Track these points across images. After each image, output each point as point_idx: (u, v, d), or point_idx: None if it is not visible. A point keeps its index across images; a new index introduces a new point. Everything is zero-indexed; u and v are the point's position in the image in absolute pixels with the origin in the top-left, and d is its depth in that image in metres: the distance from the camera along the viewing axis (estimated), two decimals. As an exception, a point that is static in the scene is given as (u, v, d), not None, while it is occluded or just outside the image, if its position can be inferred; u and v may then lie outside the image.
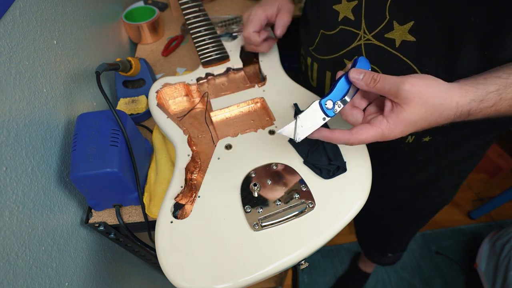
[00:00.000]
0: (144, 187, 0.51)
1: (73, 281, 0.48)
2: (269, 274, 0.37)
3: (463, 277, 1.25)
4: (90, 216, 0.50)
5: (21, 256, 0.38)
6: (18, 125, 0.39)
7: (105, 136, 0.44)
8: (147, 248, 0.57)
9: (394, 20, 0.38)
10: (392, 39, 0.40)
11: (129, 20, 0.77)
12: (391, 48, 0.40)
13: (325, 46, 0.50)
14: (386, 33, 0.40)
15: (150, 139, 0.59)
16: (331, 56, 0.50)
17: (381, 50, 0.42)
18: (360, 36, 0.43)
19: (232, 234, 0.39)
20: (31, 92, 0.42)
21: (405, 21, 0.37)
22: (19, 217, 0.38)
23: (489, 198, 1.40)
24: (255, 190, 0.41)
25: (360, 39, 0.43)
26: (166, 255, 0.38)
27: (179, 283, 0.36)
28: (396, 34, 0.39)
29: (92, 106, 0.59)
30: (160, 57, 0.77)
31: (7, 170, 0.37)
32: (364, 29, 0.42)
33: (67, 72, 0.51)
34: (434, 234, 1.38)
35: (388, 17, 0.38)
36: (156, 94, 0.54)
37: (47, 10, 0.47)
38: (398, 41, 0.39)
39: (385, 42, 0.41)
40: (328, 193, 0.42)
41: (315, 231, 0.39)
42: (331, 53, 0.49)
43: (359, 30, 0.43)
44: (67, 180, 0.49)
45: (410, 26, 0.37)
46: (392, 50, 0.40)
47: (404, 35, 0.38)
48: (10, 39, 0.38)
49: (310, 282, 1.27)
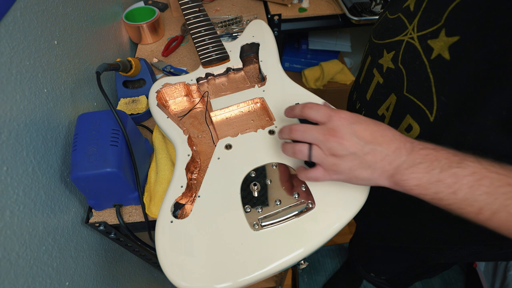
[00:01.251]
0: (144, 187, 0.52)
1: (73, 281, 0.48)
2: (269, 274, 0.37)
3: (462, 277, 1.26)
4: (90, 216, 0.51)
5: (22, 256, 0.38)
6: (19, 125, 0.39)
7: (105, 136, 0.44)
8: (147, 248, 0.57)
9: (445, 28, 0.33)
10: (432, 48, 0.35)
11: (129, 21, 0.77)
12: (426, 57, 0.36)
13: (379, 29, 0.46)
14: (430, 39, 0.35)
15: (150, 139, 0.59)
16: (378, 41, 0.46)
17: (416, 55, 0.37)
18: (408, 32, 0.39)
19: (232, 234, 0.39)
20: (32, 92, 0.42)
21: (452, 34, 0.32)
22: (20, 216, 0.38)
23: (488, 198, 1.40)
24: (255, 190, 0.42)
25: (406, 35, 0.39)
26: (166, 254, 0.38)
27: (179, 283, 0.36)
28: (437, 44, 0.34)
29: (93, 106, 0.59)
30: (160, 57, 0.77)
31: (8, 170, 0.37)
32: (415, 25, 0.38)
33: (68, 72, 0.52)
34: (434, 234, 1.38)
35: (442, 22, 0.33)
36: (156, 94, 0.55)
37: (47, 11, 0.47)
38: (435, 53, 0.34)
39: (424, 47, 0.36)
40: (328, 193, 0.42)
41: (315, 231, 0.39)
42: (379, 38, 0.45)
43: (410, 24, 0.39)
44: (68, 180, 0.49)
45: (454, 41, 0.32)
46: (425, 59, 0.36)
47: (443, 49, 0.33)
48: (11, 39, 0.39)
49: (310, 282, 1.28)
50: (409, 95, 0.39)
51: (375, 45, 0.47)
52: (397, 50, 0.41)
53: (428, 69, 0.35)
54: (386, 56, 0.43)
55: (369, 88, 0.47)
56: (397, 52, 0.41)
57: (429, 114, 0.36)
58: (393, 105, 0.42)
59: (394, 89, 0.41)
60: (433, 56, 0.35)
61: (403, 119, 0.41)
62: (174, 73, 0.71)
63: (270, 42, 0.61)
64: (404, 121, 0.40)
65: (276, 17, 0.98)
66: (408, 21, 0.39)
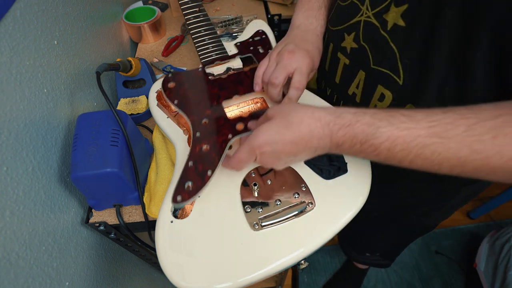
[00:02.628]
0: (144, 187, 0.52)
1: (73, 281, 0.48)
2: (269, 274, 0.37)
3: (462, 277, 1.26)
4: (90, 216, 0.51)
5: (22, 256, 0.38)
6: (18, 125, 0.39)
7: (105, 136, 0.44)
8: (147, 248, 0.57)
9: (393, 1, 0.38)
10: (387, 20, 0.39)
11: (130, 20, 0.77)
12: (383, 29, 0.40)
13: (336, 17, 0.50)
14: (384, 13, 0.39)
15: (150, 139, 0.59)
16: (336, 28, 0.50)
17: (375, 30, 0.41)
18: (362, 12, 0.43)
19: (232, 234, 0.39)
20: (32, 92, 0.42)
21: (401, 3, 0.37)
22: (19, 217, 0.38)
23: (488, 198, 1.40)
24: (255, 190, 0.42)
25: (362, 15, 0.43)
26: (166, 254, 0.38)
27: (179, 283, 0.36)
28: (390, 16, 0.38)
29: (93, 106, 0.59)
30: (160, 57, 0.77)
31: (8, 170, 0.37)
32: (368, 5, 0.42)
33: (68, 72, 0.51)
34: (434, 234, 1.38)
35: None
36: (156, 94, 0.54)
37: (47, 11, 0.47)
38: (391, 24, 0.39)
39: (380, 22, 0.40)
40: (328, 193, 0.42)
41: (315, 231, 0.39)
42: (337, 24, 0.49)
43: (362, 6, 0.43)
44: (68, 180, 0.49)
45: (404, 10, 0.37)
46: (384, 32, 0.40)
47: (396, 18, 0.38)
48: (11, 39, 0.39)
49: (310, 282, 1.28)
50: (376, 67, 0.43)
51: (334, 32, 0.51)
52: (356, 30, 0.45)
53: (388, 40, 0.40)
54: (348, 38, 0.47)
55: (336, 72, 0.52)
56: (357, 32, 0.45)
57: (397, 79, 0.40)
58: (363, 81, 0.46)
59: (361, 65, 0.46)
60: (389, 27, 0.39)
61: (374, 90, 0.45)
62: (174, 73, 0.71)
63: (271, 41, 0.61)
64: (376, 91, 0.44)
65: (276, 17, 0.98)
66: (360, 3, 0.43)
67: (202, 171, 0.42)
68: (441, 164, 0.30)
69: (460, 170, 0.29)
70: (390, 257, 0.96)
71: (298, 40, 0.49)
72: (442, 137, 0.28)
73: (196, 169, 0.42)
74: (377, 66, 0.43)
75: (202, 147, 0.44)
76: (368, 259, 0.97)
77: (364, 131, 0.32)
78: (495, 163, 0.27)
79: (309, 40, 0.50)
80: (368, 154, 0.33)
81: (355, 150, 0.34)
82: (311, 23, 0.52)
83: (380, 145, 0.32)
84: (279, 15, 0.97)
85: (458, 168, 0.29)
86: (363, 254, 0.95)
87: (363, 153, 0.33)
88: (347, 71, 0.49)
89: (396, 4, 0.37)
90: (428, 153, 0.29)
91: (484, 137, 0.27)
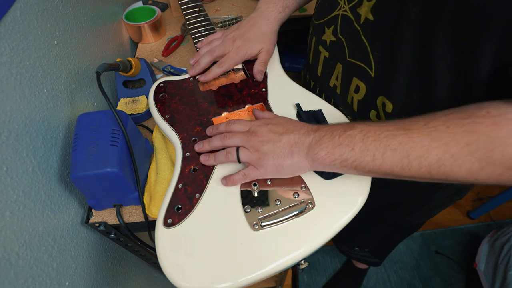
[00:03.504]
0: (144, 187, 0.52)
1: (73, 281, 0.48)
2: (269, 274, 0.37)
3: (462, 277, 1.26)
4: (90, 216, 0.51)
5: (22, 256, 0.38)
6: (18, 125, 0.39)
7: (105, 136, 0.44)
8: (147, 248, 0.57)
9: None
10: (360, 14, 0.41)
11: (130, 20, 0.77)
12: (357, 23, 0.42)
13: (318, 12, 0.53)
14: (358, 7, 0.41)
15: (150, 139, 0.59)
16: (318, 21, 0.52)
17: (350, 23, 0.43)
18: (340, 6, 0.45)
19: (232, 234, 0.39)
20: (32, 92, 0.42)
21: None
22: (19, 217, 0.38)
23: (488, 198, 1.40)
24: (255, 190, 0.42)
25: (340, 9, 0.45)
26: (166, 254, 0.38)
27: (179, 283, 0.36)
28: (363, 9, 0.40)
29: (93, 106, 0.59)
30: (160, 57, 0.77)
31: (8, 170, 0.37)
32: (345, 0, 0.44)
33: (68, 72, 0.51)
34: (434, 234, 1.38)
35: None
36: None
37: (47, 11, 0.47)
38: (363, 18, 0.41)
39: (355, 15, 0.42)
40: (327, 193, 0.42)
41: (315, 231, 0.39)
42: (319, 18, 0.52)
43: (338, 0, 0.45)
44: (68, 180, 0.49)
45: (372, 4, 0.38)
46: (357, 25, 0.42)
47: (367, 12, 0.40)
48: (11, 39, 0.39)
49: (310, 282, 1.28)
50: (351, 59, 0.45)
51: (316, 25, 0.53)
52: (335, 24, 0.47)
53: (360, 33, 0.42)
54: (327, 31, 0.49)
55: (318, 65, 0.54)
56: (335, 26, 0.47)
57: (369, 71, 0.43)
58: (341, 73, 0.49)
59: (339, 58, 0.48)
60: (361, 20, 0.41)
61: (351, 82, 0.47)
62: (174, 73, 0.71)
63: (270, 42, 0.61)
64: (352, 83, 0.47)
65: (276, 17, 0.98)
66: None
67: (191, 194, 0.42)
68: (409, 156, 0.32)
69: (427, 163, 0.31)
70: (380, 256, 0.97)
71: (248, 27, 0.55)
72: (406, 129, 0.33)
73: (185, 191, 0.42)
74: (352, 59, 0.45)
75: (191, 168, 0.44)
76: (358, 254, 0.98)
77: (343, 126, 0.38)
78: (454, 149, 0.30)
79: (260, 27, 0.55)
80: (345, 148, 0.36)
81: (334, 143, 0.37)
82: (267, 8, 0.56)
83: (355, 136, 0.35)
84: (279, 15, 0.96)
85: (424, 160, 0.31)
86: (352, 248, 0.96)
87: (341, 146, 0.36)
88: (327, 63, 0.52)
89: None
90: (396, 143, 0.33)
91: (439, 127, 0.31)
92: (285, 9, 0.57)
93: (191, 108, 0.52)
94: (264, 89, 0.54)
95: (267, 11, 0.56)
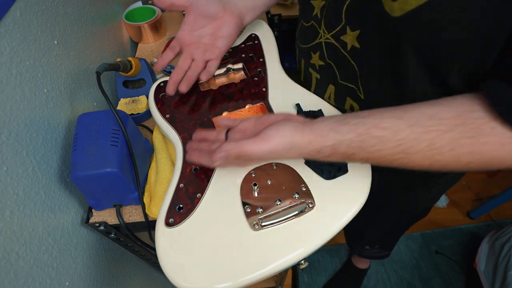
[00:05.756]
0: (144, 187, 0.52)
1: (73, 281, 0.48)
2: (269, 274, 0.37)
3: (462, 277, 1.26)
4: (90, 216, 0.51)
5: (22, 256, 0.38)
6: (19, 125, 0.39)
7: (105, 136, 0.44)
8: (147, 248, 0.57)
9: (348, 25, 0.41)
10: (345, 42, 0.42)
11: (130, 20, 0.77)
12: (344, 50, 0.43)
13: (302, 36, 0.53)
14: (341, 35, 0.43)
15: (150, 139, 0.59)
16: (303, 45, 0.53)
17: (337, 50, 0.45)
18: (321, 35, 0.46)
19: (232, 234, 0.39)
20: (32, 92, 0.42)
21: (355, 29, 0.40)
22: (20, 216, 0.38)
23: (488, 198, 1.40)
24: (255, 190, 0.42)
25: (321, 38, 0.47)
26: (166, 254, 0.38)
27: (179, 283, 0.36)
28: (348, 38, 0.42)
29: (93, 106, 0.59)
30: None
31: (8, 170, 0.37)
32: (324, 29, 0.45)
33: (68, 72, 0.51)
34: (434, 234, 1.38)
35: (344, 21, 0.41)
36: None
37: (47, 11, 0.47)
38: (349, 45, 0.42)
39: (340, 43, 0.43)
40: (327, 192, 0.42)
41: (315, 230, 0.39)
42: (303, 43, 0.52)
43: (320, 29, 0.46)
44: (68, 180, 0.49)
45: (357, 34, 0.40)
46: (345, 52, 0.43)
47: (353, 41, 0.41)
48: (11, 39, 0.39)
49: (310, 281, 1.28)
50: (343, 82, 0.47)
51: (303, 49, 0.54)
52: (320, 50, 0.48)
53: (349, 58, 0.43)
54: (314, 57, 0.50)
55: (311, 84, 0.55)
56: (321, 52, 0.48)
57: (359, 93, 0.45)
58: (334, 93, 0.50)
59: (330, 80, 0.49)
60: (348, 47, 0.42)
61: (345, 101, 0.49)
62: (174, 73, 0.71)
63: (271, 42, 0.61)
64: (347, 103, 0.49)
65: (276, 17, 0.98)
66: (318, 26, 0.47)
67: (192, 194, 0.42)
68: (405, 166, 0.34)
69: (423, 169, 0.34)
70: (388, 247, 1.00)
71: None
72: (407, 153, 0.32)
73: (186, 191, 0.42)
74: (344, 81, 0.47)
75: (192, 168, 0.45)
76: (369, 252, 1.00)
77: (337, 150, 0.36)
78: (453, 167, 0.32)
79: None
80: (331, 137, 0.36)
81: None
82: None
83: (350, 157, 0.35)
84: (279, 15, 0.97)
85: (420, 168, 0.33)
86: (363, 247, 0.98)
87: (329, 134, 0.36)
88: (319, 85, 0.53)
89: (351, 29, 0.40)
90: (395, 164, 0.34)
91: (443, 150, 0.30)
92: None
93: (191, 107, 0.52)
94: (265, 88, 0.54)
95: None
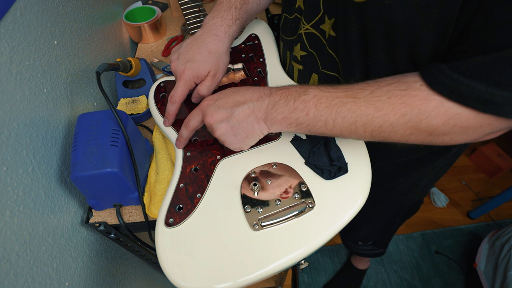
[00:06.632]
0: (145, 187, 0.52)
1: (73, 281, 0.48)
2: (269, 274, 0.37)
3: (462, 277, 1.26)
4: (90, 216, 0.51)
5: (22, 256, 0.38)
6: (18, 125, 0.39)
7: (105, 136, 0.44)
8: (147, 248, 0.57)
9: (326, 14, 0.43)
10: (324, 30, 0.44)
11: (130, 20, 0.77)
12: (323, 38, 0.45)
13: (285, 29, 0.54)
14: (321, 24, 0.44)
15: (150, 139, 0.59)
16: (288, 38, 0.54)
17: (317, 39, 0.46)
18: (300, 26, 0.48)
19: (232, 234, 0.39)
20: (32, 92, 0.42)
21: (331, 17, 0.42)
22: (19, 216, 0.38)
23: (488, 198, 1.40)
24: (255, 190, 0.42)
25: (301, 29, 0.48)
26: (166, 254, 0.38)
27: (179, 283, 0.36)
28: (326, 27, 0.44)
29: (93, 106, 0.59)
30: (160, 57, 0.77)
31: (8, 170, 0.37)
32: (303, 20, 0.47)
33: (68, 72, 0.51)
34: (434, 234, 1.38)
35: (322, 10, 0.43)
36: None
37: (47, 11, 0.47)
38: (327, 34, 0.44)
39: (319, 32, 0.45)
40: (327, 192, 0.42)
41: (315, 231, 0.39)
42: (287, 36, 0.54)
43: (301, 20, 0.48)
44: (68, 180, 0.49)
45: (332, 23, 0.42)
46: (324, 40, 0.45)
47: (330, 29, 0.43)
48: (11, 39, 0.39)
49: (310, 282, 1.28)
50: (324, 70, 0.48)
51: (286, 41, 0.55)
52: (301, 41, 0.49)
53: (327, 47, 0.45)
54: (295, 48, 0.51)
55: (293, 76, 0.56)
56: (302, 43, 0.49)
57: (341, 79, 0.47)
58: (317, 82, 0.51)
59: (313, 70, 0.50)
60: (327, 36, 0.44)
61: None
62: (174, 73, 0.71)
63: (270, 42, 0.61)
64: None
65: (276, 17, 0.98)
66: (301, 17, 0.48)
67: (192, 194, 0.42)
68: (356, 123, 0.36)
69: (371, 129, 0.36)
70: (383, 245, 0.99)
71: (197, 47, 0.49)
72: (355, 97, 0.36)
73: (186, 191, 0.42)
74: (326, 70, 0.48)
75: (192, 168, 0.45)
76: (363, 249, 1.00)
77: (297, 90, 0.39)
78: (392, 119, 0.34)
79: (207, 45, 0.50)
80: (300, 113, 0.38)
81: (289, 108, 0.38)
82: (215, 22, 0.51)
83: (309, 101, 0.38)
84: (279, 15, 0.96)
85: (369, 126, 0.36)
86: (356, 243, 0.98)
87: (296, 110, 0.38)
88: (302, 75, 0.54)
89: (328, 17, 0.43)
90: (345, 111, 0.36)
91: (382, 98, 0.35)
92: (236, 21, 0.52)
93: (191, 107, 0.52)
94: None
95: (215, 27, 0.50)
